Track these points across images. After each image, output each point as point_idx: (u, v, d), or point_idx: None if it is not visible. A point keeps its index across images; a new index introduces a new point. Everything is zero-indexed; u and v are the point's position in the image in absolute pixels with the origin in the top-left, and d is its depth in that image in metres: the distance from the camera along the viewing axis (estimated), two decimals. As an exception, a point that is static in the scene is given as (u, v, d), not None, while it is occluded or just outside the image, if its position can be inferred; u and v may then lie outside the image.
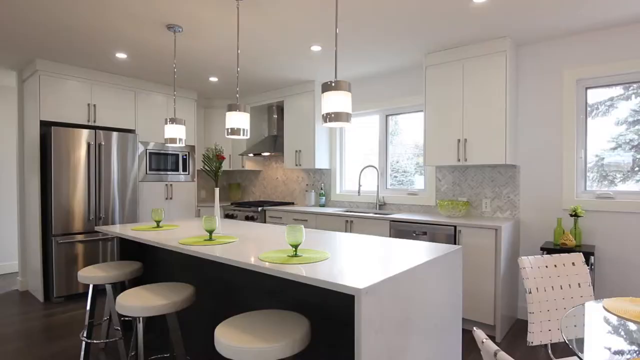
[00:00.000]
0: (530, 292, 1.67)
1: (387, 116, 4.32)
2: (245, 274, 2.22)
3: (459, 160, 3.32)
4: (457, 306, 1.95)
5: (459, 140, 3.33)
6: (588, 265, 2.66)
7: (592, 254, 2.69)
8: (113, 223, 4.13)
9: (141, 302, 1.89)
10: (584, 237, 2.99)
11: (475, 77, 3.24)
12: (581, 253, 1.81)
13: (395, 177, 4.06)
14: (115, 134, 4.14)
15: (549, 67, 3.20)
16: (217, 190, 2.54)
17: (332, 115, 1.82)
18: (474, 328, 0.91)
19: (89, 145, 3.94)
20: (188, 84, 4.74)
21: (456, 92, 3.35)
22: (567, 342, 1.08)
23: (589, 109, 3.09)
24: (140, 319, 1.93)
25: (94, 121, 4.11)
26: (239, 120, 2.41)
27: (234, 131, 2.41)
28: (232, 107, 2.40)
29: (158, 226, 2.83)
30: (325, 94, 1.84)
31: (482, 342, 0.83)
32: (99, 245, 4.04)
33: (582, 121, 3.10)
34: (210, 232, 2.27)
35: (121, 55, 3.63)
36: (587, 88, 3.10)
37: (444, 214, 3.47)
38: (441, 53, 3.43)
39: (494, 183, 3.47)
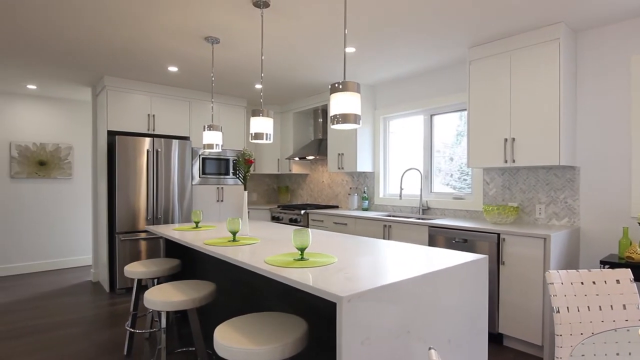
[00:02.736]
0: (558, 312, 1.46)
1: (431, 116, 4.11)
2: (260, 275, 2.26)
3: (505, 161, 3.04)
4: (481, 321, 1.77)
5: (505, 140, 3.05)
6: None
7: (666, 270, 2.28)
8: (173, 223, 4.48)
9: (164, 297, 2.02)
10: (658, 251, 2.54)
11: (524, 70, 2.94)
12: (629, 269, 1.53)
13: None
14: (172, 141, 4.50)
15: (613, 54, 2.79)
16: (245, 193, 2.62)
17: (339, 117, 1.78)
18: (430, 347, 0.82)
19: (148, 152, 4.33)
20: (237, 92, 4.98)
21: (503, 87, 3.07)
22: (568, 372, 0.92)
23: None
24: (163, 312, 2.06)
25: (153, 130, 4.51)
26: (262, 125, 2.47)
27: (258, 135, 2.47)
28: (255, 113, 2.47)
29: (197, 227, 3.01)
30: (332, 95, 1.81)
31: (432, 363, 0.75)
32: (157, 243, 4.41)
33: (657, 114, 2.65)
34: (234, 233, 2.35)
35: (173, 69, 3.94)
36: (664, 75, 2.64)
37: (490, 221, 3.19)
38: (486, 46, 3.17)
39: (549, 187, 3.10)
